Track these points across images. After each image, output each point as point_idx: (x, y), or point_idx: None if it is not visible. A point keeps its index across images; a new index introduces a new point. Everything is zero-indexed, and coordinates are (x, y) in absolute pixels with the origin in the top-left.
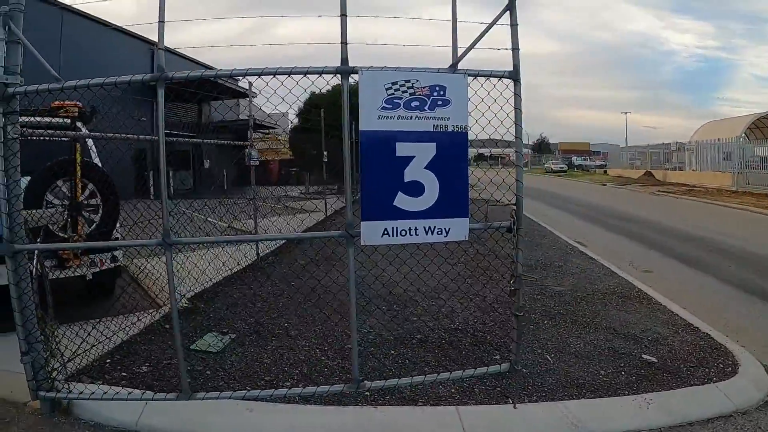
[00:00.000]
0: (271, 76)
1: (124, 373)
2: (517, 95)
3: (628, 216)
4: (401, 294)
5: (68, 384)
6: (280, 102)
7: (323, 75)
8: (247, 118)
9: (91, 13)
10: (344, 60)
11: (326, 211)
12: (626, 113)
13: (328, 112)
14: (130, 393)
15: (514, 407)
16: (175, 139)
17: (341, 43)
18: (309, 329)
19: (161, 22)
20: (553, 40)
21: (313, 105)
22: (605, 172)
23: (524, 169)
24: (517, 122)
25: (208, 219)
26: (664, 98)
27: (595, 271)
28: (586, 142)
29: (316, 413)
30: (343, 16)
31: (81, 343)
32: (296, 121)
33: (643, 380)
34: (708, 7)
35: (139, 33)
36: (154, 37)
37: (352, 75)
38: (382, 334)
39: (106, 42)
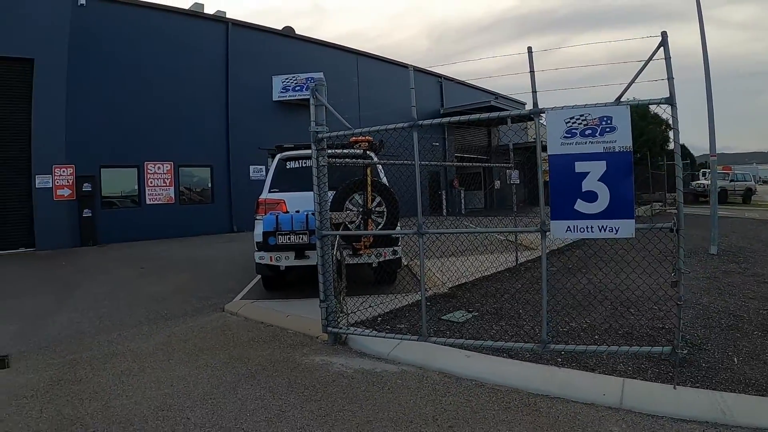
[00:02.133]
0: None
1: (387, 326)
2: (674, 118)
3: None
4: (629, 297)
5: (348, 327)
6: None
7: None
8: (531, 141)
9: (382, 55)
10: (535, 104)
11: None
12: None
13: None
14: (386, 334)
15: (674, 388)
16: (454, 163)
17: (532, 92)
18: (538, 315)
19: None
20: None
21: None
22: None
23: None
24: (676, 141)
25: (477, 229)
26: None
27: None
28: None
29: (514, 364)
30: (532, 72)
31: (362, 304)
32: None
33: None
34: None
35: (428, 68)
36: (440, 70)
37: (541, 114)
38: (594, 326)
39: (399, 77)
